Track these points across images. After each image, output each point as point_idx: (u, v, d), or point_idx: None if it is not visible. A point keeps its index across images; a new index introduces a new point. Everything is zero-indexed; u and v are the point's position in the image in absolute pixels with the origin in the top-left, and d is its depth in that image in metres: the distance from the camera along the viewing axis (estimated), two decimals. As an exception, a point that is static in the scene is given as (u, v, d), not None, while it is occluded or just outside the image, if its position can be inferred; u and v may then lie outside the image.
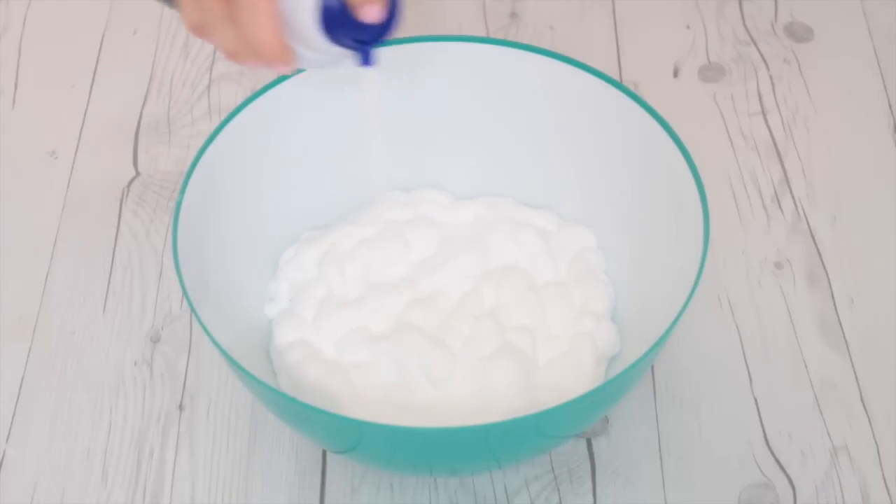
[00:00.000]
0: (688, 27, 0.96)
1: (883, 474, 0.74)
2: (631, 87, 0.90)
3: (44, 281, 0.83)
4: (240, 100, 0.91)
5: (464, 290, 0.76)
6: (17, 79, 0.94)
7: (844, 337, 0.79)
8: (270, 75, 0.92)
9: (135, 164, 0.89)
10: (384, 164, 0.81)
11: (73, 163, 0.89)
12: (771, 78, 0.93)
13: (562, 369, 0.73)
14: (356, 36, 0.63)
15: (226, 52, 0.64)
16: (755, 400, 0.77)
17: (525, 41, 0.90)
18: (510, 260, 0.78)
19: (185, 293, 0.68)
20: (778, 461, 0.75)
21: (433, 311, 0.75)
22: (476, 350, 0.73)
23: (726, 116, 0.91)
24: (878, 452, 0.75)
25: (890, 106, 0.91)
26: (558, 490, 0.74)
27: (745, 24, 0.96)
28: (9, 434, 0.77)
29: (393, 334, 0.74)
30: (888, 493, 0.73)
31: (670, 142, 0.72)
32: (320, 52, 0.63)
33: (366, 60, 0.64)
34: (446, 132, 0.81)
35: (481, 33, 0.96)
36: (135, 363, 0.79)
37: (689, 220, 0.70)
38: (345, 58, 0.65)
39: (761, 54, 0.94)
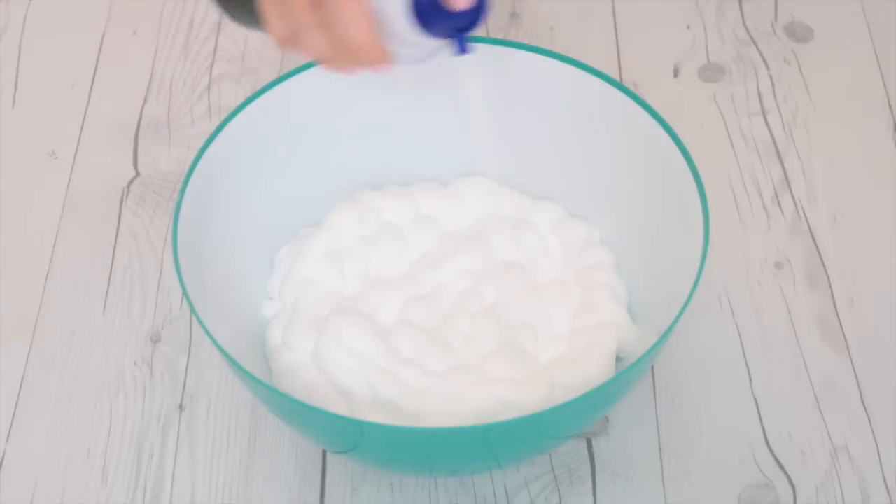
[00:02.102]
0: (688, 27, 0.96)
1: (883, 474, 0.74)
2: (631, 87, 0.90)
3: (44, 281, 0.83)
4: (240, 100, 0.91)
5: (464, 288, 0.76)
6: (17, 79, 0.94)
7: (844, 337, 0.79)
8: (270, 75, 0.92)
9: (135, 164, 0.89)
10: (383, 161, 0.81)
11: (73, 163, 0.89)
12: (771, 78, 0.93)
13: (564, 368, 0.72)
14: (449, 25, 0.62)
15: (321, 60, 0.63)
16: (755, 400, 0.77)
17: (525, 41, 0.90)
18: (511, 257, 0.77)
19: (184, 293, 0.68)
20: (778, 461, 0.75)
21: (433, 309, 0.75)
22: (476, 348, 0.73)
23: (726, 116, 0.91)
24: (878, 452, 0.75)
25: (890, 106, 0.91)
26: (558, 490, 0.74)
27: (745, 24, 0.96)
28: (9, 434, 0.77)
29: (392, 332, 0.74)
30: (888, 493, 0.73)
31: (670, 142, 0.72)
32: (415, 47, 0.63)
33: (462, 49, 0.63)
34: (446, 131, 0.81)
35: (481, 33, 0.96)
36: (135, 363, 0.79)
37: (689, 221, 0.70)
38: (440, 49, 0.64)
39: (761, 54, 0.94)
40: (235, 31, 0.96)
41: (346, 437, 0.68)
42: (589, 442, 0.75)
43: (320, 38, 0.61)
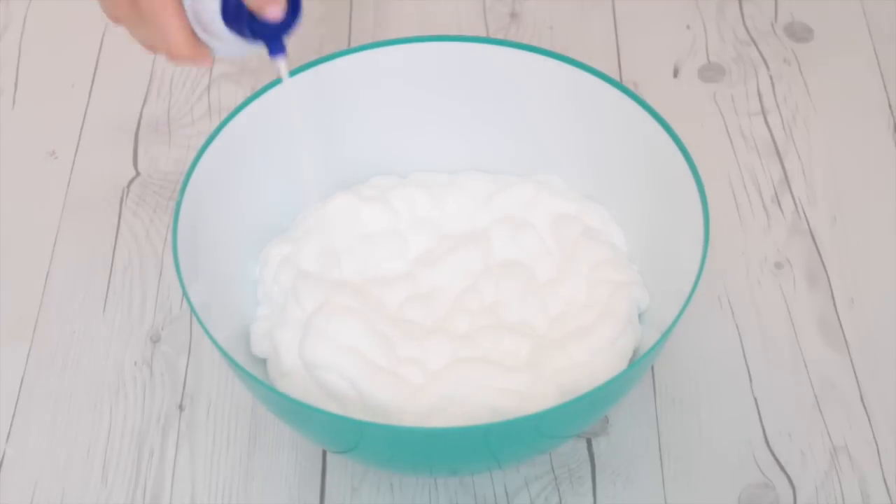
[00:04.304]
0: (688, 27, 0.96)
1: (883, 474, 0.74)
2: (631, 87, 0.90)
3: (44, 281, 0.83)
4: (240, 100, 0.91)
5: (463, 286, 0.76)
6: (17, 79, 0.94)
7: (844, 337, 0.79)
8: (270, 75, 0.92)
9: (135, 164, 0.89)
10: (383, 161, 0.81)
11: (73, 163, 0.89)
12: (771, 78, 0.93)
13: (570, 369, 0.72)
14: (261, 29, 0.64)
15: (145, 47, 0.65)
16: (755, 400, 0.77)
17: (525, 41, 0.90)
18: (511, 256, 0.77)
19: (184, 293, 0.68)
20: (778, 461, 0.75)
21: (432, 308, 0.75)
22: (476, 347, 0.73)
23: (726, 116, 0.91)
24: (878, 452, 0.75)
25: (890, 106, 0.91)
26: (558, 490, 0.74)
27: (745, 24, 0.96)
28: (9, 434, 0.77)
29: (390, 329, 0.73)
30: (888, 493, 0.73)
31: (670, 142, 0.72)
32: (231, 44, 0.65)
33: (273, 51, 0.65)
34: (446, 131, 0.81)
35: (481, 33, 0.96)
36: (135, 363, 0.79)
37: (689, 221, 0.70)
38: (257, 47, 0.66)
39: (761, 54, 0.94)
40: (235, 31, 0.96)
41: (345, 437, 0.68)
42: (589, 442, 0.75)
43: (141, 28, 0.64)
